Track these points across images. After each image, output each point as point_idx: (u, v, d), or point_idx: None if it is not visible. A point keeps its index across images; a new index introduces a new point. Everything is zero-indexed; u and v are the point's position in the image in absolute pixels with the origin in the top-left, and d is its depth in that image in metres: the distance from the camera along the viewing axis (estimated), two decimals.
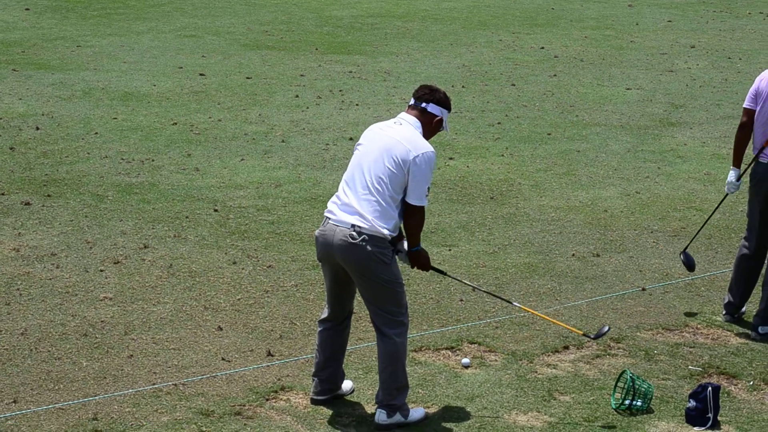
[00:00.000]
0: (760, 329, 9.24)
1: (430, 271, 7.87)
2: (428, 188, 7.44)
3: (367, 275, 7.39)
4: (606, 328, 8.36)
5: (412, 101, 7.63)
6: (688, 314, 9.60)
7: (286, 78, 18.24)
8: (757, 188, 9.35)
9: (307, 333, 8.92)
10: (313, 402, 7.84)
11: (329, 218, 7.44)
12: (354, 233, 7.30)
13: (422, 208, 7.44)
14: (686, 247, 10.32)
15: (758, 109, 9.28)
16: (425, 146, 7.41)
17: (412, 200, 7.41)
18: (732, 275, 9.62)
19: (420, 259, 7.66)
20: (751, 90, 9.38)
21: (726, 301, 9.60)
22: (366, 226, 7.30)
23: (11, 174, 12.63)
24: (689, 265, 9.99)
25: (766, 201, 9.31)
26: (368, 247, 7.31)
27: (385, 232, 7.34)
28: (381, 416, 7.54)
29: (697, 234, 10.69)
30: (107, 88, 16.97)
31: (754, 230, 9.44)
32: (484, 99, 17.20)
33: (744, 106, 9.45)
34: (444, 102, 7.64)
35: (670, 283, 10.27)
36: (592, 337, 8.49)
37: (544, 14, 26.00)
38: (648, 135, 15.42)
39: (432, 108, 7.58)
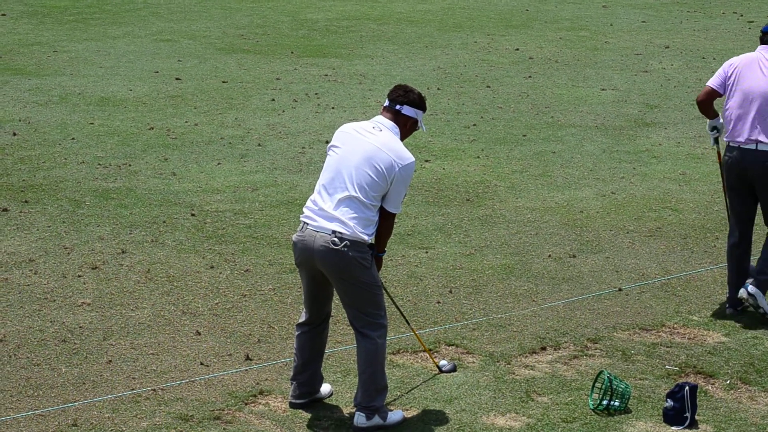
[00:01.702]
0: (749, 288, 9.29)
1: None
2: (404, 195, 7.53)
3: (348, 279, 7.40)
4: (451, 365, 8.46)
5: (386, 102, 7.63)
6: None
7: (261, 82, 18.22)
8: (727, 173, 9.47)
9: (285, 337, 8.91)
10: (292, 406, 7.83)
11: (308, 224, 7.43)
12: (336, 239, 7.30)
13: (395, 214, 7.51)
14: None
15: (728, 96, 9.32)
16: (408, 156, 7.43)
17: (389, 208, 7.45)
18: (727, 268, 9.72)
19: (379, 264, 7.70)
20: (721, 73, 9.38)
21: (728, 294, 9.66)
22: (347, 233, 7.31)
23: None
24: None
25: (739, 183, 9.40)
26: (350, 253, 7.31)
27: (366, 237, 7.37)
28: (360, 419, 7.53)
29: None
30: (84, 93, 16.93)
31: (732, 217, 9.58)
32: (459, 101, 17.22)
33: (708, 83, 9.43)
34: (418, 103, 7.64)
35: (646, 283, 10.28)
36: (443, 369, 8.45)
37: (519, 16, 26.04)
38: (623, 135, 15.46)
39: (407, 110, 7.59)
